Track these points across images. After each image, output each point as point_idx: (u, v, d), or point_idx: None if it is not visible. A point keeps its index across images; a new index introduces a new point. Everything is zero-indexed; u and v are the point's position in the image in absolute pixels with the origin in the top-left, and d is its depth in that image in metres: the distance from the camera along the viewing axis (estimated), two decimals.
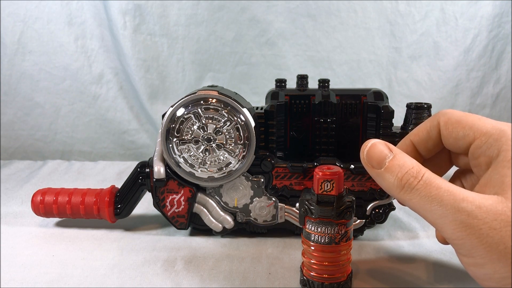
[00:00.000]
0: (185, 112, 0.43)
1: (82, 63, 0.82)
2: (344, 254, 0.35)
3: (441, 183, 0.29)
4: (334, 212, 0.33)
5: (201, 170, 0.44)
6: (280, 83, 0.48)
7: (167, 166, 0.45)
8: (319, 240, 0.35)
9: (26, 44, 0.81)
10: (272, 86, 0.49)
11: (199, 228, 0.48)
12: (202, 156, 0.44)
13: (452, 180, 0.38)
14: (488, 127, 0.31)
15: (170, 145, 0.44)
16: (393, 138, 0.43)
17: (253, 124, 0.43)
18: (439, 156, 0.37)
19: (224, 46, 0.82)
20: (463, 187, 0.37)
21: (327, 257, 0.35)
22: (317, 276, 0.35)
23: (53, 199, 0.49)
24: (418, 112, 0.44)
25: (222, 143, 0.43)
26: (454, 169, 0.39)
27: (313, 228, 0.35)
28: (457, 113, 0.33)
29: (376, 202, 0.45)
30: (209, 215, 0.46)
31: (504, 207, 0.26)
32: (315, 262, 0.35)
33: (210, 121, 0.43)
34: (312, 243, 0.35)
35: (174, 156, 0.44)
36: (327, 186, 0.34)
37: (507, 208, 0.26)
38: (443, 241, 0.39)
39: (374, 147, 0.32)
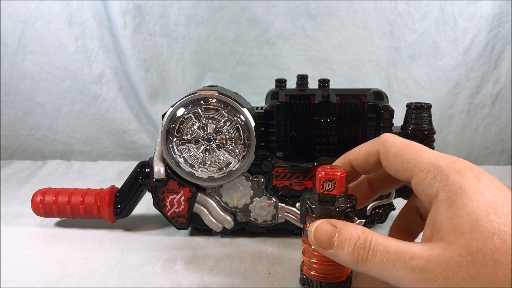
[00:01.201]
0: (185, 112, 0.43)
1: (82, 63, 0.82)
2: None
3: (389, 246, 0.28)
4: (334, 211, 0.33)
5: (201, 170, 0.44)
6: (280, 83, 0.48)
7: (167, 166, 0.45)
8: None
9: (27, 44, 0.81)
10: (272, 86, 0.49)
11: (199, 228, 0.48)
12: (202, 156, 0.44)
13: (408, 203, 0.38)
14: (425, 163, 0.30)
15: (170, 145, 0.44)
16: None
17: (253, 124, 0.43)
18: (382, 176, 0.37)
19: (224, 46, 0.82)
20: (418, 211, 0.37)
21: (326, 257, 0.35)
22: (316, 275, 0.35)
23: (53, 199, 0.49)
24: (418, 112, 0.44)
25: (222, 143, 0.43)
26: None
27: None
28: (397, 144, 0.32)
29: (376, 202, 0.45)
30: (209, 215, 0.46)
31: (450, 253, 0.26)
32: (315, 261, 0.35)
33: (210, 121, 0.43)
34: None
35: (174, 156, 0.44)
36: (328, 186, 0.34)
37: (454, 253, 0.26)
38: None
39: (319, 229, 0.32)
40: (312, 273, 0.36)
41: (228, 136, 0.43)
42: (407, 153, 0.31)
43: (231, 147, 0.43)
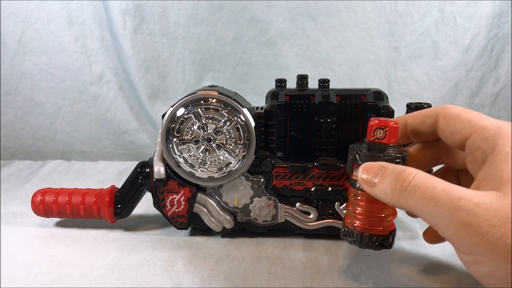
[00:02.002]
0: (185, 112, 0.43)
1: (82, 63, 0.82)
2: (387, 207, 0.34)
3: (436, 183, 0.28)
4: (383, 160, 0.33)
5: (201, 170, 0.44)
6: (280, 83, 0.48)
7: (167, 166, 0.45)
8: None
9: (27, 44, 0.81)
10: (272, 86, 0.49)
11: (199, 228, 0.48)
12: (202, 156, 0.44)
13: (444, 169, 0.39)
14: (486, 123, 0.31)
15: (170, 145, 0.44)
16: None
17: (253, 124, 0.43)
18: (428, 151, 0.38)
19: (224, 46, 0.82)
20: (458, 177, 0.37)
21: (370, 207, 0.34)
22: (359, 226, 0.35)
23: (53, 199, 0.49)
24: None
25: (222, 143, 0.43)
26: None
27: None
28: (457, 108, 0.34)
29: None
30: (209, 215, 0.46)
31: (503, 203, 0.26)
32: (359, 211, 0.35)
33: (210, 121, 0.43)
34: (358, 191, 0.34)
35: (174, 156, 0.44)
36: (379, 134, 0.34)
37: (507, 205, 0.26)
38: (430, 240, 0.39)
39: (366, 167, 0.33)
40: (355, 224, 0.35)
41: (228, 136, 0.43)
42: (469, 115, 0.32)
43: (231, 147, 0.43)
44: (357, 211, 0.35)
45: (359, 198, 0.35)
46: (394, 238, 0.36)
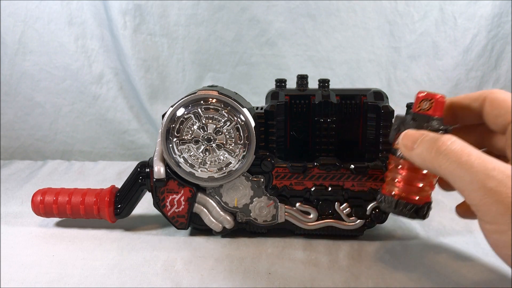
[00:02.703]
0: (185, 112, 0.43)
1: (82, 63, 0.82)
2: (427, 176, 0.35)
3: (472, 151, 0.30)
4: (425, 130, 0.34)
5: (201, 170, 0.44)
6: (280, 83, 0.48)
7: (167, 166, 0.45)
8: None
9: (27, 44, 0.81)
10: (272, 86, 0.49)
11: (199, 228, 0.48)
12: (202, 156, 0.44)
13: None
14: None
15: (170, 145, 0.44)
16: None
17: (253, 124, 0.43)
18: (471, 134, 0.38)
19: (224, 46, 0.82)
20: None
21: (409, 175, 0.35)
22: (396, 194, 0.35)
23: (53, 199, 0.49)
24: None
25: (222, 143, 0.43)
26: None
27: None
28: (505, 93, 0.35)
29: (376, 202, 0.45)
30: (209, 215, 0.46)
31: None
32: (398, 179, 0.35)
33: (210, 121, 0.43)
34: (399, 159, 0.35)
35: (174, 156, 0.44)
36: (425, 105, 0.34)
37: None
38: (462, 213, 0.40)
39: (408, 132, 0.34)
40: (393, 192, 0.36)
41: (228, 136, 0.43)
42: None
43: (231, 147, 0.43)
44: (396, 180, 0.36)
45: (400, 166, 0.35)
46: (429, 211, 0.36)
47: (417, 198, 0.35)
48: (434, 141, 0.31)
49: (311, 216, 0.46)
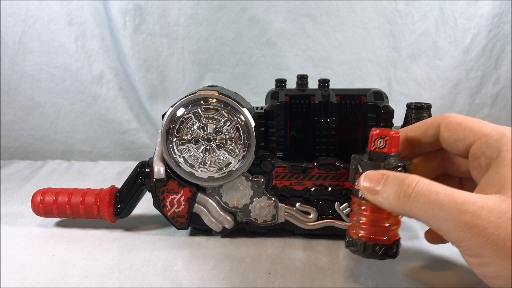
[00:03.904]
0: (185, 112, 0.43)
1: (82, 63, 0.82)
2: (391, 216, 0.34)
3: (439, 188, 0.29)
4: (383, 168, 0.33)
5: (201, 170, 0.44)
6: (280, 83, 0.48)
7: (167, 166, 0.45)
8: None
9: (27, 44, 0.81)
10: (272, 86, 0.49)
11: (199, 228, 0.48)
12: (202, 156, 0.44)
13: (444, 178, 0.39)
14: (488, 129, 0.31)
15: (170, 145, 0.44)
16: None
17: (253, 124, 0.43)
18: (430, 161, 0.38)
19: (224, 46, 0.82)
20: (461, 183, 0.38)
21: (374, 216, 0.34)
22: (364, 237, 0.35)
23: (53, 199, 0.49)
24: (418, 112, 0.44)
25: (222, 143, 0.43)
26: None
27: None
28: (459, 116, 0.34)
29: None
30: (209, 215, 0.46)
31: (507, 205, 0.27)
32: (363, 221, 0.35)
33: (210, 121, 0.43)
34: (361, 201, 0.34)
35: (174, 156, 0.44)
36: (380, 143, 0.34)
37: (510, 206, 0.27)
38: (432, 240, 0.40)
39: (368, 175, 0.33)
40: (359, 234, 0.35)
41: (228, 136, 0.43)
42: (471, 122, 0.33)
43: (231, 147, 0.43)
44: (361, 221, 0.35)
45: (363, 208, 0.35)
46: (399, 248, 0.35)
47: (385, 238, 0.35)
48: (399, 184, 0.30)
49: (311, 216, 0.46)
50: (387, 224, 0.34)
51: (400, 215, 0.34)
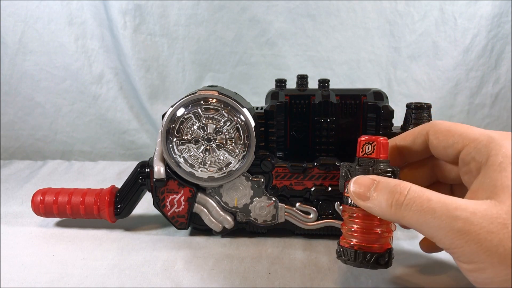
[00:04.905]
0: (185, 112, 0.43)
1: (82, 63, 0.82)
2: (383, 223, 0.34)
3: (431, 195, 0.29)
4: (372, 174, 0.33)
5: (201, 170, 0.44)
6: (280, 83, 0.48)
7: (167, 166, 0.45)
8: None
9: (27, 44, 0.81)
10: (272, 86, 0.49)
11: (199, 228, 0.48)
12: (202, 156, 0.44)
13: (435, 185, 0.39)
14: (477, 134, 0.31)
15: (170, 145, 0.44)
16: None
17: (253, 124, 0.43)
18: (421, 169, 0.38)
19: (224, 46, 0.82)
20: (451, 190, 0.37)
21: (365, 223, 0.34)
22: (356, 245, 0.34)
23: (53, 199, 0.49)
24: (418, 112, 0.44)
25: (222, 143, 0.43)
26: None
27: None
28: (447, 123, 0.34)
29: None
30: (209, 215, 0.46)
31: (498, 210, 0.27)
32: (355, 229, 0.34)
33: (210, 121, 0.43)
34: (352, 208, 0.34)
35: (174, 156, 0.44)
36: (368, 149, 0.34)
37: (502, 211, 0.26)
38: (427, 249, 0.40)
39: (358, 181, 0.33)
40: (351, 243, 0.34)
41: (228, 136, 0.43)
42: (459, 128, 0.33)
43: (231, 147, 0.43)
44: (352, 229, 0.34)
45: (354, 215, 0.34)
46: (391, 257, 0.34)
47: (377, 246, 0.34)
48: (391, 192, 0.30)
49: (311, 216, 0.46)
50: (379, 231, 0.34)
51: (392, 222, 0.34)
